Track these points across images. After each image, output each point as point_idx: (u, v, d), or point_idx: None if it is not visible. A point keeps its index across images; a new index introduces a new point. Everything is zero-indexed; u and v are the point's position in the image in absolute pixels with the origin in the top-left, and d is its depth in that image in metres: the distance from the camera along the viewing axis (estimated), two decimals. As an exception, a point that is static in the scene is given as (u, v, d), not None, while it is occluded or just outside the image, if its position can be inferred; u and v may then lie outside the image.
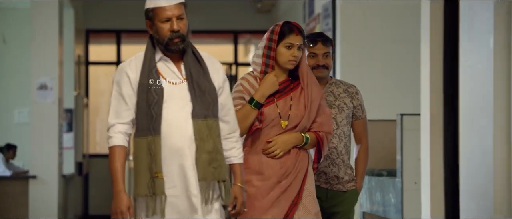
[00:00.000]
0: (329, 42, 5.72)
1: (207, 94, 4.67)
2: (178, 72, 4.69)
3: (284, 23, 5.21)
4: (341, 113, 5.72)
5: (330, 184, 5.72)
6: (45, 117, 11.82)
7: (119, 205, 4.56)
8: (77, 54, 14.62)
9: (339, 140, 5.70)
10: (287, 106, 5.18)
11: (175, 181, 4.62)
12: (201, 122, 4.63)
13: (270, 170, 5.12)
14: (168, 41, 4.61)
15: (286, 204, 5.10)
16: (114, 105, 4.65)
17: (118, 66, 4.73)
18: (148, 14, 4.66)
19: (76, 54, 14.54)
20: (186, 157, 4.61)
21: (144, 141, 4.59)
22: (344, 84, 5.83)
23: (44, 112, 11.83)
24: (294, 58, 5.13)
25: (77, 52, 14.62)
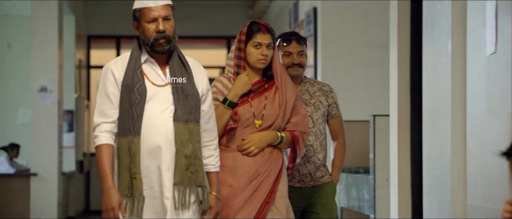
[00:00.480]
0: (303, 41, 5.50)
1: (190, 98, 4.47)
2: (162, 75, 4.47)
3: (251, 22, 5.04)
4: (317, 111, 5.49)
5: (304, 182, 5.46)
6: (45, 118, 11.93)
7: (110, 201, 4.33)
8: (78, 58, 14.64)
9: (315, 138, 5.47)
10: (262, 105, 4.98)
11: (153, 182, 4.41)
12: (183, 126, 4.43)
13: (244, 168, 4.91)
14: (154, 42, 4.41)
15: (258, 204, 4.88)
16: (99, 104, 4.45)
17: (105, 65, 4.51)
18: (135, 14, 4.47)
19: (77, 58, 14.57)
20: (164, 159, 4.39)
21: (125, 141, 4.38)
22: (318, 83, 5.62)
23: (44, 113, 11.94)
24: (263, 57, 4.94)
25: (78, 56, 14.64)
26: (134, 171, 4.36)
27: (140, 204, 4.36)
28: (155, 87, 4.44)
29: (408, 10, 6.91)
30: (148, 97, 4.41)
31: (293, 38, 5.47)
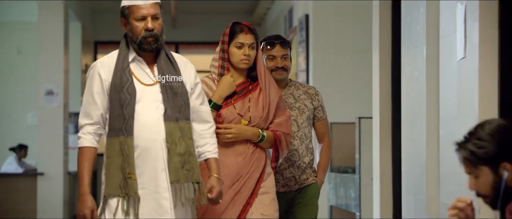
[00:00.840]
0: (287, 44, 5.27)
1: (179, 96, 4.31)
2: (151, 73, 4.33)
3: (233, 23, 4.87)
4: (302, 115, 5.24)
5: (288, 186, 5.22)
6: (52, 120, 12.07)
7: (83, 208, 4.19)
8: (84, 63, 14.69)
9: (300, 142, 5.22)
10: (245, 107, 4.81)
11: (145, 183, 4.24)
12: (173, 125, 4.27)
13: (225, 170, 4.68)
14: (142, 40, 4.25)
15: (240, 205, 4.71)
16: (84, 104, 4.28)
17: (92, 65, 4.33)
18: (124, 11, 4.29)
19: (83, 63, 14.62)
20: (158, 159, 4.24)
21: (116, 141, 4.20)
22: (304, 86, 5.36)
23: (51, 116, 12.07)
24: (245, 57, 4.77)
25: (84, 61, 14.69)
26: (129, 171, 4.20)
27: (136, 204, 4.19)
28: (144, 86, 4.29)
29: (389, 16, 6.90)
30: (138, 97, 4.25)
31: (277, 42, 5.24)
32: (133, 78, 4.26)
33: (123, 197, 4.18)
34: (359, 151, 7.94)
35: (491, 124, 3.19)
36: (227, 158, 4.72)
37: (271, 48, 5.22)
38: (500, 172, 3.14)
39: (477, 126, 3.22)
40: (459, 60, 4.98)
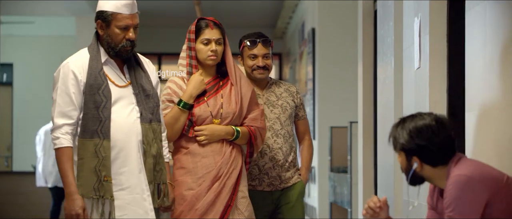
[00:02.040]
0: (268, 43, 4.78)
1: (151, 98, 4.05)
2: (122, 75, 4.04)
3: (199, 19, 4.45)
4: (284, 112, 4.79)
5: (273, 185, 4.77)
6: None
7: (74, 206, 3.88)
8: (123, 73, 14.88)
9: (284, 140, 4.76)
10: (218, 104, 4.41)
11: (123, 184, 3.97)
12: (148, 126, 4.02)
13: (204, 170, 4.36)
14: (121, 48, 3.97)
15: (221, 206, 4.34)
16: (60, 104, 3.93)
17: (63, 64, 3.98)
18: (105, 16, 3.95)
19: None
20: (136, 160, 3.98)
21: (90, 143, 3.89)
22: (285, 84, 4.92)
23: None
24: (212, 53, 4.39)
25: (122, 71, 14.88)
26: (106, 173, 3.91)
27: (111, 206, 3.92)
28: (118, 88, 4.00)
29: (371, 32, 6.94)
30: (114, 99, 3.96)
31: (258, 41, 4.76)
32: (108, 80, 3.97)
33: (97, 199, 3.92)
34: (350, 152, 7.97)
35: (419, 120, 3.22)
36: (205, 159, 4.39)
37: (252, 46, 4.77)
38: (412, 162, 3.24)
39: (411, 116, 3.26)
40: (416, 70, 5.01)
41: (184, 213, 4.33)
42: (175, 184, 4.38)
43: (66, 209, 3.91)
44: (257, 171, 4.75)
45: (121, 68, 4.05)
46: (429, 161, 3.20)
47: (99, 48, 4.02)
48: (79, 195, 3.89)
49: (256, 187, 4.75)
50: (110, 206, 3.93)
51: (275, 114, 4.79)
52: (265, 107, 4.74)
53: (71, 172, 3.89)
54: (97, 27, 4.02)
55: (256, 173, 4.74)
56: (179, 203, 4.35)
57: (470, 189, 3.08)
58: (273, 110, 4.78)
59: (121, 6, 3.96)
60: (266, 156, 4.73)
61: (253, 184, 4.73)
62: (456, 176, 3.11)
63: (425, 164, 3.21)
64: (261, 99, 4.76)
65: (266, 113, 4.75)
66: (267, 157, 4.74)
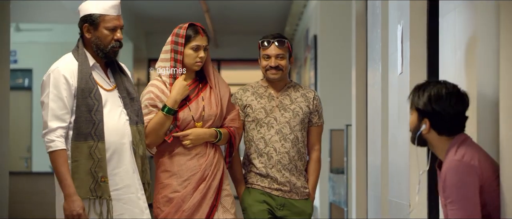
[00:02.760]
0: (284, 44, 4.52)
1: (135, 100, 4.05)
2: (107, 79, 4.02)
3: (189, 25, 4.33)
4: (295, 117, 4.54)
5: (282, 191, 4.53)
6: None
7: (75, 207, 3.84)
8: (136, 78, 14.93)
9: (292, 145, 4.52)
10: (200, 107, 4.33)
11: (118, 184, 3.95)
12: (135, 128, 4.01)
13: (188, 173, 4.30)
14: (111, 49, 3.94)
15: (207, 207, 4.29)
16: (53, 108, 3.89)
17: (52, 69, 3.94)
18: (93, 19, 3.93)
19: (136, 77, 14.86)
20: (129, 161, 3.97)
21: (85, 146, 3.88)
22: (304, 89, 4.66)
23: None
24: (200, 60, 4.29)
25: (136, 76, 14.93)
26: (102, 174, 3.89)
27: (109, 205, 3.90)
28: (105, 92, 3.98)
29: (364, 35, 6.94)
30: (103, 103, 3.94)
31: (272, 41, 4.53)
32: (97, 85, 3.95)
33: (95, 199, 3.89)
34: (347, 154, 7.98)
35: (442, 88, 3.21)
36: (190, 161, 4.32)
37: (266, 47, 4.53)
38: (421, 123, 3.24)
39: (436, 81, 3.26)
40: (399, 75, 5.02)
41: (171, 214, 4.27)
42: (160, 187, 4.32)
43: (66, 210, 3.85)
44: (265, 173, 4.53)
45: (105, 72, 4.03)
46: (437, 127, 3.20)
47: (86, 53, 3.98)
48: (78, 196, 3.84)
49: (264, 189, 4.53)
50: (107, 206, 3.90)
51: (286, 118, 4.55)
52: (276, 110, 4.54)
53: (68, 174, 3.85)
54: (84, 31, 3.97)
55: (264, 175, 4.53)
56: (165, 205, 4.29)
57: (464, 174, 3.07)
58: (284, 114, 4.55)
59: (108, 7, 3.96)
60: (272, 159, 4.52)
61: (262, 185, 4.52)
62: (452, 161, 3.11)
63: (432, 129, 3.21)
64: (274, 101, 4.56)
65: (277, 116, 4.54)
66: (273, 160, 4.52)
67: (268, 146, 4.50)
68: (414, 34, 4.68)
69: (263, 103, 4.53)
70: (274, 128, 4.52)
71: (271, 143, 4.51)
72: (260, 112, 4.52)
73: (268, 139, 4.51)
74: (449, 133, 3.19)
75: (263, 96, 4.55)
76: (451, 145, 3.17)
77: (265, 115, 4.53)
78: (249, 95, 4.56)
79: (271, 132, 4.51)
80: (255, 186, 4.53)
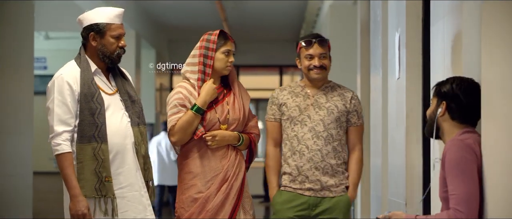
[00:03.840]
0: (325, 43, 4.42)
1: (136, 103, 4.09)
2: (109, 84, 4.06)
3: (220, 31, 4.31)
4: (330, 115, 4.37)
5: (313, 191, 4.36)
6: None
7: (80, 207, 3.86)
8: (158, 83, 15.01)
9: (325, 142, 4.35)
10: (225, 111, 4.32)
11: (123, 183, 3.98)
12: (136, 129, 4.04)
13: (212, 173, 4.28)
14: (117, 55, 4.02)
15: (229, 207, 4.26)
16: (58, 113, 3.94)
17: (56, 76, 3.99)
18: (100, 28, 4.00)
19: (158, 83, 14.93)
20: (132, 160, 4.00)
21: (89, 147, 3.92)
22: (341, 89, 4.49)
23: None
24: (230, 64, 4.30)
25: (158, 81, 15.01)
26: (106, 174, 3.92)
27: (114, 203, 3.93)
28: (107, 96, 4.01)
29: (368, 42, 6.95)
30: (106, 106, 3.97)
31: (314, 41, 4.40)
32: (99, 89, 3.99)
33: (100, 198, 3.92)
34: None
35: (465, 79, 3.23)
36: (213, 162, 4.29)
37: (308, 47, 4.39)
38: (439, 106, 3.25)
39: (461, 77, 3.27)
40: (396, 80, 5.02)
41: (195, 214, 4.25)
42: (184, 188, 4.30)
43: (72, 210, 3.87)
44: (297, 172, 4.38)
45: (107, 77, 4.07)
46: (452, 111, 3.21)
47: (88, 60, 4.03)
48: (83, 197, 3.87)
49: (296, 191, 4.37)
50: (112, 204, 3.93)
51: (320, 116, 4.38)
52: (310, 108, 4.40)
53: (73, 176, 3.87)
54: (89, 39, 4.02)
55: (296, 175, 4.38)
56: (189, 205, 4.27)
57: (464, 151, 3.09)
58: (318, 112, 4.39)
59: (113, 16, 4.02)
60: (303, 157, 4.36)
61: (293, 186, 4.38)
62: (453, 139, 3.14)
63: (447, 113, 3.22)
64: (309, 99, 4.41)
65: (311, 114, 4.39)
66: (305, 158, 4.36)
67: (301, 144, 4.35)
68: (410, 41, 4.69)
69: (298, 101, 4.41)
70: (307, 126, 4.36)
71: (304, 141, 4.35)
72: (295, 110, 4.40)
73: (301, 137, 4.36)
74: (461, 120, 3.21)
75: (299, 95, 4.43)
76: (459, 131, 3.19)
77: (299, 113, 4.38)
78: (286, 94, 4.45)
79: (304, 130, 4.36)
80: (288, 188, 4.38)
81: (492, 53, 2.96)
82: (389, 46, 5.34)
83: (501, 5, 2.93)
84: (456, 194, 3.07)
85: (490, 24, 2.95)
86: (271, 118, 4.43)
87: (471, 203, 3.06)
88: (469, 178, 3.07)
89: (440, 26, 3.81)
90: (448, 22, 3.66)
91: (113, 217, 3.92)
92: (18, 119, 7.63)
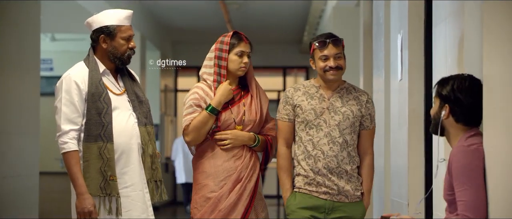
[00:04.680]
0: (339, 42, 4.19)
1: (144, 103, 4.12)
2: (117, 84, 4.09)
3: (234, 33, 4.29)
4: (345, 120, 4.17)
5: (330, 195, 4.16)
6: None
7: (86, 204, 3.90)
8: (163, 84, 14.99)
9: (341, 148, 4.15)
10: (241, 112, 4.28)
11: (127, 182, 4.00)
12: (144, 129, 4.05)
13: (225, 174, 4.24)
14: (127, 56, 4.05)
15: (242, 208, 4.22)
16: (65, 112, 3.96)
17: (65, 76, 4.02)
18: (110, 30, 4.02)
19: (163, 83, 14.92)
20: (137, 160, 4.01)
21: (95, 147, 3.94)
22: (357, 91, 4.27)
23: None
24: (245, 65, 4.24)
25: (163, 82, 14.99)
26: (111, 173, 3.95)
27: (118, 202, 3.95)
28: (115, 96, 4.04)
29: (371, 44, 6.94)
30: (113, 106, 4.00)
31: (328, 41, 4.17)
32: (107, 89, 4.01)
33: (104, 196, 3.94)
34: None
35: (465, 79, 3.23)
36: (227, 163, 4.25)
37: (322, 47, 4.16)
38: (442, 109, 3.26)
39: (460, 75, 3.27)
40: (399, 81, 5.01)
41: (207, 214, 4.21)
42: (198, 187, 4.26)
43: (78, 207, 3.90)
44: (312, 175, 4.18)
45: (115, 78, 4.09)
46: (455, 114, 3.21)
47: (96, 60, 4.05)
48: (89, 194, 3.89)
49: (312, 193, 4.17)
50: (116, 202, 3.94)
51: (335, 121, 4.17)
52: (326, 112, 4.18)
53: (80, 174, 3.90)
54: (100, 41, 4.04)
55: (311, 177, 4.17)
56: (202, 204, 4.23)
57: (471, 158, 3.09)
58: (334, 117, 4.17)
59: (123, 18, 4.05)
60: (319, 162, 4.16)
61: (309, 189, 4.18)
62: (460, 146, 3.14)
63: (451, 116, 3.23)
64: (325, 102, 4.19)
65: (327, 118, 4.18)
66: (321, 163, 4.15)
67: (316, 149, 4.15)
68: (412, 42, 4.68)
69: (314, 105, 4.18)
70: (323, 131, 4.16)
71: (319, 146, 4.15)
72: (310, 114, 4.18)
73: (316, 142, 4.16)
74: (465, 121, 3.21)
75: (314, 97, 4.19)
76: (464, 135, 3.19)
77: (314, 117, 4.17)
78: (300, 95, 4.21)
79: (319, 135, 4.16)
80: (302, 190, 4.18)
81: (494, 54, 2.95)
82: (392, 48, 5.33)
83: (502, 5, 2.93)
84: (464, 201, 3.09)
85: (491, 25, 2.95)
86: (285, 118, 4.24)
87: (479, 208, 3.08)
88: (476, 185, 3.09)
89: (442, 28, 3.80)
90: (450, 24, 3.65)
91: (117, 216, 3.93)
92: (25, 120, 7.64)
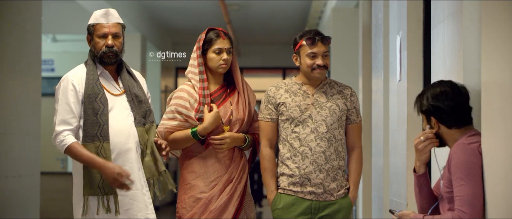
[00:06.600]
0: (327, 40, 4.07)
1: (143, 103, 4.09)
2: (116, 85, 4.08)
3: (209, 29, 4.18)
4: (332, 115, 4.06)
5: (315, 194, 4.05)
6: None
7: (112, 169, 3.86)
8: (164, 85, 15.00)
9: (328, 144, 4.04)
10: (228, 111, 4.17)
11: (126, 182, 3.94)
12: (142, 129, 4.03)
13: (215, 174, 4.15)
14: (102, 54, 4.00)
15: (233, 208, 4.14)
16: (61, 113, 3.98)
17: (63, 78, 4.04)
18: (89, 29, 4.06)
19: (163, 84, 14.92)
20: (135, 160, 3.98)
21: (92, 146, 3.94)
22: (339, 86, 4.17)
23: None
24: (224, 62, 4.12)
25: (163, 83, 15.00)
26: None
27: (116, 200, 3.94)
28: (113, 96, 4.04)
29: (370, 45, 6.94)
30: (110, 107, 4.01)
31: (318, 38, 4.03)
32: (104, 90, 4.02)
33: (103, 195, 3.94)
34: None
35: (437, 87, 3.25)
36: (217, 163, 4.16)
37: (312, 45, 4.02)
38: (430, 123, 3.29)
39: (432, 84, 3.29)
40: (398, 82, 5.01)
41: (197, 215, 4.12)
42: (187, 187, 4.17)
43: (109, 177, 3.85)
44: (298, 174, 4.06)
45: (115, 79, 4.09)
46: (443, 121, 3.22)
47: (94, 62, 4.06)
48: (110, 163, 3.87)
49: (297, 194, 4.06)
50: (115, 201, 3.94)
51: (322, 116, 4.06)
52: (312, 108, 4.07)
53: (90, 154, 3.88)
54: (87, 41, 4.09)
55: (297, 177, 4.05)
56: (191, 205, 4.15)
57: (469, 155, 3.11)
58: (320, 112, 4.07)
59: (98, 16, 4.05)
60: (307, 159, 4.04)
61: (294, 189, 4.06)
62: (459, 143, 3.16)
63: (441, 125, 3.24)
64: (309, 98, 4.08)
65: (312, 114, 4.06)
66: (308, 160, 4.04)
67: (303, 145, 4.03)
68: (411, 44, 4.68)
69: (298, 101, 4.07)
70: (310, 127, 4.04)
71: (306, 142, 4.03)
72: (295, 111, 4.06)
73: (303, 138, 4.04)
74: (457, 124, 3.22)
75: (297, 94, 4.08)
76: (462, 135, 3.20)
77: (300, 114, 4.05)
78: (283, 93, 4.10)
79: (306, 131, 4.03)
80: (287, 191, 4.08)
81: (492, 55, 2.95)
82: (391, 49, 5.33)
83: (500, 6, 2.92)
84: (460, 196, 3.10)
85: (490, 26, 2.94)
86: (267, 118, 4.11)
87: (475, 204, 3.09)
88: (473, 181, 3.09)
89: (440, 29, 3.80)
90: (448, 25, 3.65)
91: (115, 214, 3.93)
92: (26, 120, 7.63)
